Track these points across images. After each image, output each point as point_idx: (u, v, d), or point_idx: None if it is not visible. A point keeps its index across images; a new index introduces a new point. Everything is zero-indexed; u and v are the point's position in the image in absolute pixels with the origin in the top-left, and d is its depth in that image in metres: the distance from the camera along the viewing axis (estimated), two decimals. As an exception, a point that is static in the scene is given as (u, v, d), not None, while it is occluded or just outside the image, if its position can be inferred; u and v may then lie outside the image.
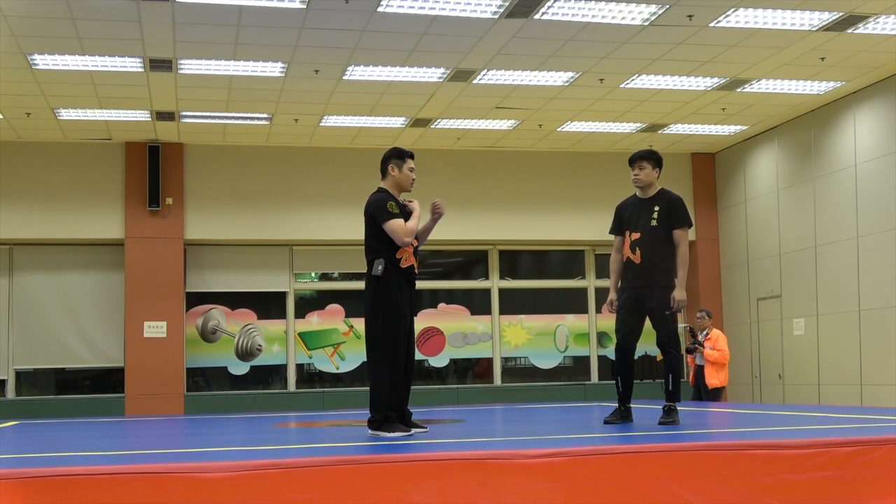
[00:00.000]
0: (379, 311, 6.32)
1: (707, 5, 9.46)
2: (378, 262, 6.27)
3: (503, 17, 9.59)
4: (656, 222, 6.85)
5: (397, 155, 6.46)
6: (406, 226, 6.27)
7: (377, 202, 6.30)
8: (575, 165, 15.27)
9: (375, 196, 6.38)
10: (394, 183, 6.46)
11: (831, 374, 13.14)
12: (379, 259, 6.28)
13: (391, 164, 6.44)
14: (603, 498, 4.53)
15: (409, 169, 6.46)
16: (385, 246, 6.29)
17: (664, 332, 6.87)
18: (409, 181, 6.48)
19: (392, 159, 6.45)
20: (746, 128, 14.21)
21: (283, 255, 14.80)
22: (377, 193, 6.41)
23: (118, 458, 5.24)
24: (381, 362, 6.29)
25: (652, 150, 7.05)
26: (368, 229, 6.37)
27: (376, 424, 6.23)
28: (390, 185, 6.46)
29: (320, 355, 14.89)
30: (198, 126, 13.38)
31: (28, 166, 13.78)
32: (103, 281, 14.23)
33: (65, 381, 14.35)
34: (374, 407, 6.27)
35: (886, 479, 4.82)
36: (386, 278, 6.27)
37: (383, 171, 6.49)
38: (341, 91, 11.85)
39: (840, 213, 12.87)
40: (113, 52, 10.34)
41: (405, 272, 6.35)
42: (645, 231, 6.87)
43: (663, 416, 6.87)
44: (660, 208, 6.86)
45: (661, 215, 6.84)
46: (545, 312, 15.64)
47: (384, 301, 6.30)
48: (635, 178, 6.97)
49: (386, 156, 6.49)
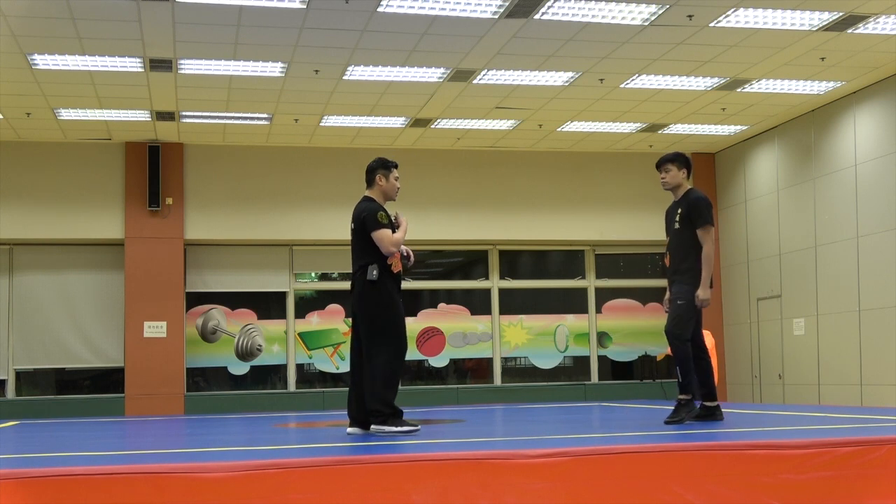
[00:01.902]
0: (380, 312, 6.48)
1: (707, 5, 9.46)
2: (372, 267, 6.45)
3: (503, 17, 9.59)
4: (679, 224, 6.93)
5: (383, 165, 6.70)
6: (393, 237, 6.50)
7: (369, 211, 6.51)
8: (575, 165, 15.27)
9: (366, 205, 6.58)
10: (380, 192, 6.69)
11: (831, 374, 13.14)
12: (373, 264, 6.46)
13: (378, 174, 6.68)
14: (603, 498, 4.53)
15: (394, 178, 6.71)
16: (378, 252, 6.48)
17: (669, 318, 6.94)
18: (395, 190, 6.74)
19: (379, 170, 6.69)
20: (746, 128, 14.21)
21: (283, 255, 14.80)
22: (367, 202, 6.61)
23: (118, 458, 5.24)
24: (388, 359, 6.43)
25: (677, 152, 7.13)
26: (359, 236, 6.56)
27: (382, 419, 6.34)
28: (377, 194, 6.70)
29: (320, 355, 14.89)
30: (198, 126, 13.38)
31: (28, 166, 13.78)
32: (103, 281, 14.23)
33: (65, 381, 14.35)
34: (380, 402, 6.36)
35: (886, 479, 4.82)
36: (381, 281, 6.47)
37: (370, 180, 6.73)
38: (341, 91, 11.85)
39: (840, 213, 12.87)
40: (113, 52, 10.34)
41: (395, 277, 6.57)
42: (672, 234, 7.03)
43: (671, 415, 6.87)
44: (682, 210, 6.94)
45: (683, 217, 6.91)
46: (545, 312, 15.64)
47: (382, 304, 6.49)
48: (662, 182, 7.09)
49: (372, 166, 6.73)
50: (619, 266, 15.96)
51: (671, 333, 6.92)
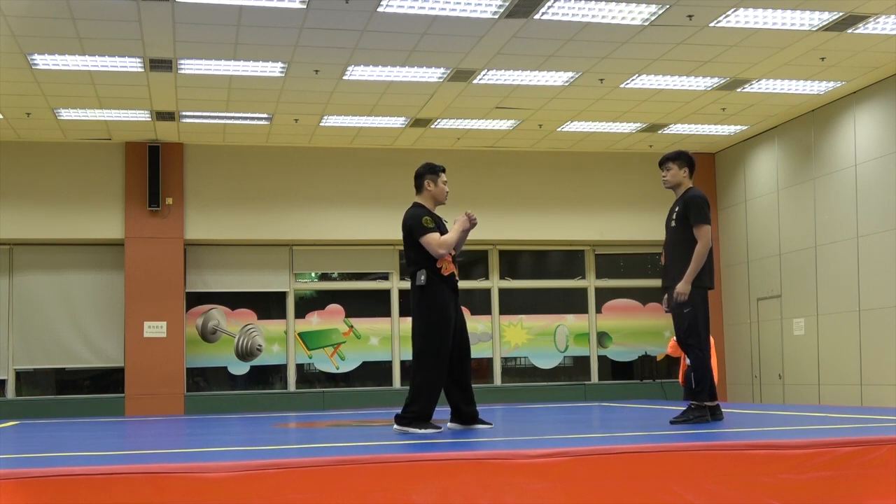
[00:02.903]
0: (425, 316, 6.55)
1: (707, 5, 9.46)
2: (420, 273, 6.52)
3: (503, 17, 9.59)
4: (675, 223, 6.91)
5: (431, 170, 6.79)
6: (441, 239, 6.54)
7: (414, 217, 6.59)
8: (575, 165, 15.27)
9: (413, 211, 6.67)
10: (430, 197, 6.78)
11: (831, 374, 13.13)
12: (421, 270, 6.53)
13: (427, 179, 6.77)
14: (603, 498, 4.53)
15: (443, 182, 6.79)
16: (425, 257, 6.54)
17: (680, 329, 6.92)
18: (443, 194, 6.81)
19: (427, 175, 6.77)
20: (746, 128, 14.21)
21: (283, 255, 14.80)
22: (414, 209, 6.69)
23: (118, 458, 5.24)
24: (428, 363, 6.49)
25: (679, 151, 7.12)
26: (408, 242, 6.63)
27: (406, 420, 6.40)
28: (426, 199, 6.77)
29: (320, 355, 14.89)
30: (198, 126, 13.38)
31: (28, 166, 13.78)
32: (103, 281, 14.23)
33: (65, 381, 14.35)
34: (411, 403, 6.43)
35: (886, 479, 4.82)
36: (429, 287, 6.51)
37: (419, 186, 6.79)
38: (341, 91, 11.85)
39: (840, 213, 12.87)
40: (113, 52, 10.34)
41: (447, 280, 6.60)
42: (668, 232, 7.01)
43: (679, 415, 6.92)
44: (678, 208, 6.91)
45: (679, 215, 6.87)
46: (545, 312, 15.64)
47: (430, 307, 6.54)
48: (664, 180, 7.07)
49: (420, 172, 6.79)
50: (619, 266, 15.96)
51: (685, 343, 6.89)
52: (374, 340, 15.00)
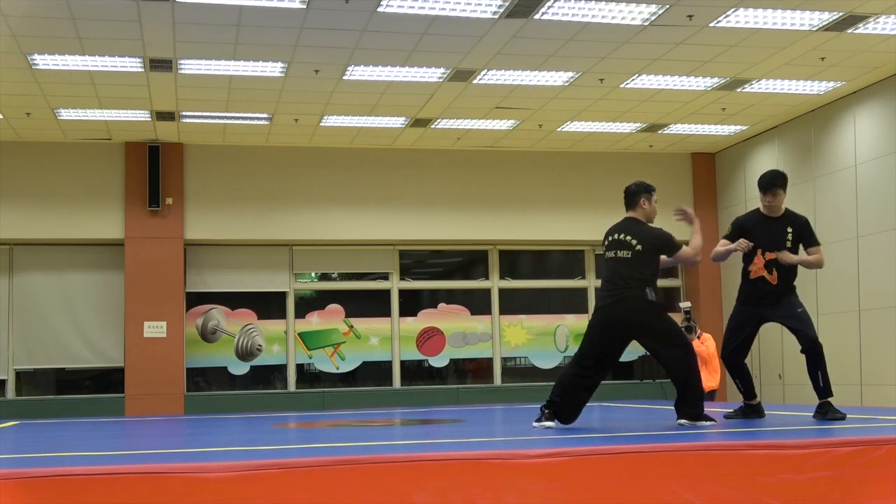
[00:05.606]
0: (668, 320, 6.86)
1: (707, 5, 9.46)
2: (650, 290, 6.66)
3: (503, 17, 9.59)
4: (791, 244, 7.17)
5: (646, 189, 6.94)
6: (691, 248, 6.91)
7: (665, 240, 6.80)
8: (575, 165, 15.27)
9: (651, 228, 6.87)
10: (644, 214, 6.95)
11: (831, 374, 13.05)
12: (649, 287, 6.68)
13: (642, 197, 6.93)
14: (603, 498, 4.53)
15: (654, 202, 6.98)
16: (653, 273, 6.72)
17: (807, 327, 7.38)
18: (655, 213, 7.00)
19: (642, 193, 6.93)
20: (746, 128, 14.21)
21: (283, 255, 14.80)
22: (643, 224, 6.88)
23: (118, 458, 5.24)
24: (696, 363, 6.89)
25: (782, 175, 7.36)
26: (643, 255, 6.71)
27: (695, 415, 6.68)
28: (641, 216, 6.95)
29: (320, 355, 14.89)
30: (198, 126, 13.38)
31: (28, 166, 13.78)
32: (103, 281, 14.23)
33: (65, 381, 14.35)
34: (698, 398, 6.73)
35: (886, 479, 4.82)
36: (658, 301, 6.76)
37: (632, 203, 6.97)
38: (341, 91, 11.85)
39: (840, 213, 12.87)
40: (113, 52, 10.34)
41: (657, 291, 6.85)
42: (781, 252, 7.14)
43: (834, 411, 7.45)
44: (793, 230, 7.18)
45: (795, 238, 7.19)
46: (545, 312, 15.64)
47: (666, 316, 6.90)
48: (770, 206, 7.19)
49: (634, 190, 6.96)
50: (619, 266, 15.92)
51: (814, 339, 7.38)
52: (374, 340, 15.00)
